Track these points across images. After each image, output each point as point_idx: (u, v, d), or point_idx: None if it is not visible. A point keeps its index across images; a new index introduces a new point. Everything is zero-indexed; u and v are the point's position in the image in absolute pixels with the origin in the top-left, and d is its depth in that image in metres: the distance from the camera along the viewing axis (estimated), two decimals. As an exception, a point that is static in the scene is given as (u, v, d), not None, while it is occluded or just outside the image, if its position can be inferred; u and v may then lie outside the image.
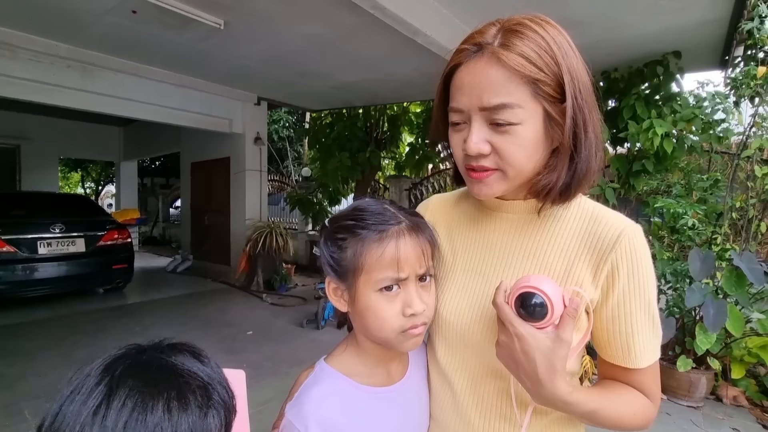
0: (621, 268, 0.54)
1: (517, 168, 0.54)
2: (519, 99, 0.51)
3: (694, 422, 2.39)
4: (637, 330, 0.55)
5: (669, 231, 3.07)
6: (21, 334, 3.69)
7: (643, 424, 0.57)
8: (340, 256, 0.56)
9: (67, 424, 0.39)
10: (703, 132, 3.14)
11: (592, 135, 0.55)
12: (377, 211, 0.57)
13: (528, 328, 0.48)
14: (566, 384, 0.49)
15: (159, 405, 0.40)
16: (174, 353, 0.46)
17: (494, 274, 0.60)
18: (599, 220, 0.58)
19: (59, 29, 3.68)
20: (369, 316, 0.56)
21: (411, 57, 3.82)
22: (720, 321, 2.26)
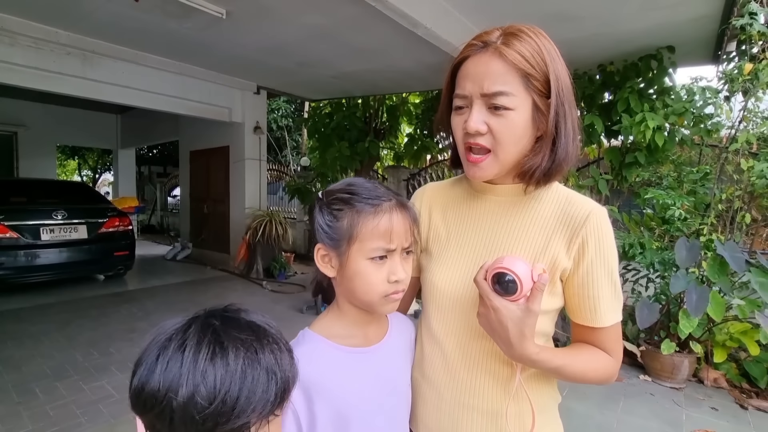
0: (589, 242, 0.64)
1: (507, 149, 0.63)
2: (514, 88, 0.61)
3: (676, 402, 2.52)
4: (602, 294, 0.65)
5: (659, 221, 3.17)
6: (26, 318, 3.77)
7: (605, 378, 0.67)
8: (335, 224, 0.62)
9: (185, 371, 0.43)
10: (693, 126, 3.22)
11: (570, 127, 0.65)
12: (370, 187, 0.64)
13: (502, 302, 0.58)
14: (534, 346, 0.59)
15: (265, 349, 0.48)
16: (249, 314, 0.52)
17: (483, 248, 0.70)
18: (572, 202, 0.68)
19: (60, 16, 3.68)
20: (358, 281, 0.62)
21: (411, 48, 3.86)
22: (702, 306, 2.38)
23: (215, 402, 0.43)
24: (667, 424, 2.28)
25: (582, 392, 2.61)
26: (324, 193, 0.66)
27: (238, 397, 0.44)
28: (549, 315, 0.69)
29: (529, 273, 0.57)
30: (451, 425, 0.70)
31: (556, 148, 0.65)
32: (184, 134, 7.18)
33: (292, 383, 0.50)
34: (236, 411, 0.44)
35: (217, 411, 0.44)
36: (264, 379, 0.46)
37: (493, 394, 0.68)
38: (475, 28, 3.44)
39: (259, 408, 0.45)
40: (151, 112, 6.40)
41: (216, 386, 0.44)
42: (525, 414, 0.67)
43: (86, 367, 2.81)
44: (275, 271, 5.65)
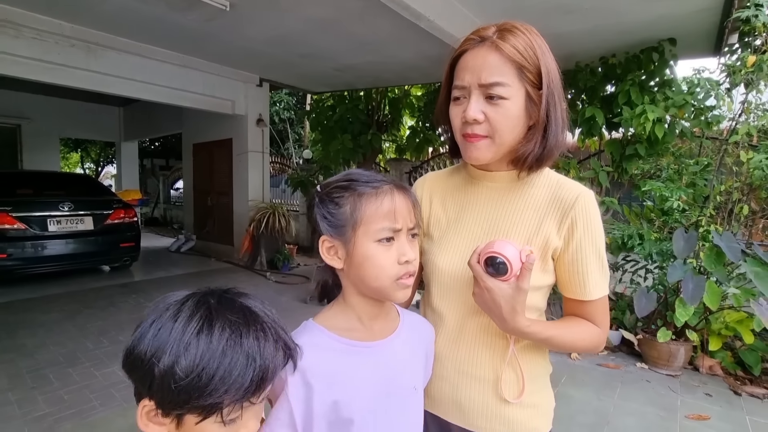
0: (578, 222, 0.70)
1: (502, 135, 0.68)
2: (509, 79, 0.66)
3: (672, 388, 2.59)
4: (590, 270, 0.71)
5: (659, 213, 3.21)
6: (35, 308, 3.85)
7: (593, 347, 0.74)
8: (338, 212, 0.62)
9: (172, 340, 0.47)
10: (694, 118, 3.25)
11: (560, 116, 0.71)
12: (369, 173, 0.65)
13: (494, 282, 0.64)
14: (525, 320, 0.66)
15: (250, 334, 0.50)
16: (248, 299, 0.56)
17: (481, 231, 0.76)
18: (562, 186, 0.74)
19: (65, 8, 3.70)
20: (367, 265, 0.61)
21: (413, 41, 3.88)
22: (698, 295, 2.43)
23: (191, 375, 0.46)
24: (662, 409, 2.35)
25: (580, 379, 2.68)
26: (322, 185, 0.66)
27: (213, 375, 0.46)
28: (541, 291, 0.75)
29: (518, 255, 0.63)
30: (452, 391, 0.77)
31: (547, 135, 0.70)
32: (187, 127, 7.21)
33: (272, 374, 0.51)
34: (209, 388, 0.46)
35: (192, 385, 0.46)
36: (242, 362, 0.48)
37: (490, 363, 0.74)
38: (477, 20, 3.46)
39: (232, 391, 0.47)
40: (154, 105, 6.43)
41: (195, 361, 0.46)
42: (518, 381, 0.74)
43: (97, 354, 2.89)
44: (279, 262, 5.72)
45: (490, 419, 0.74)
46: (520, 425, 0.74)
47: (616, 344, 3.15)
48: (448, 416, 0.77)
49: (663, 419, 2.25)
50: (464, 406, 0.75)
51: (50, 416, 2.12)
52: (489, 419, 0.74)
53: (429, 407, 0.79)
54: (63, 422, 2.07)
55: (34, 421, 2.08)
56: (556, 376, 2.66)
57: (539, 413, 0.76)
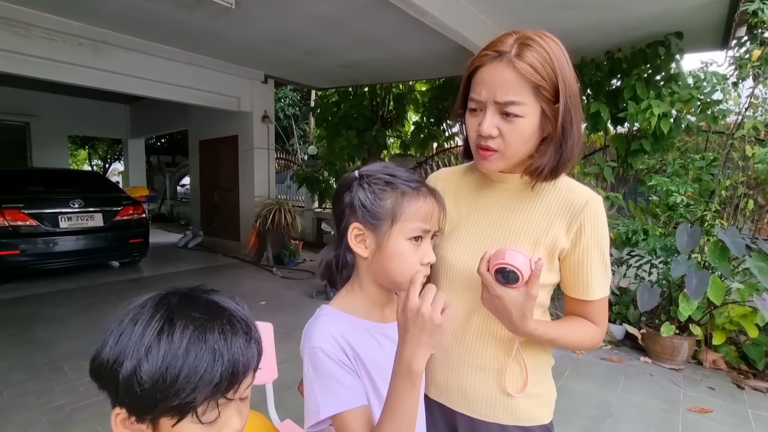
0: (586, 226, 0.74)
1: (514, 151, 0.72)
2: (525, 98, 0.67)
3: (675, 382, 2.62)
4: (594, 272, 0.75)
5: (665, 208, 3.22)
6: (49, 302, 3.93)
7: (592, 345, 0.79)
8: (378, 203, 0.63)
9: (132, 344, 0.46)
10: (700, 112, 3.24)
11: (576, 129, 0.73)
12: (406, 171, 0.68)
13: (505, 290, 0.67)
14: (533, 323, 0.69)
15: (215, 329, 0.48)
16: (215, 294, 0.54)
17: (492, 230, 0.79)
18: (572, 190, 0.77)
19: (72, 6, 3.75)
20: (396, 261, 0.64)
21: (418, 37, 3.88)
22: (701, 290, 2.45)
23: (154, 378, 0.44)
24: (664, 402, 2.38)
25: (584, 373, 2.71)
26: (362, 173, 0.67)
27: (178, 375, 0.44)
28: (546, 289, 0.79)
29: (527, 263, 0.65)
30: (458, 380, 0.80)
31: (562, 150, 0.72)
32: (193, 124, 7.27)
33: (244, 367, 0.49)
34: (175, 389, 0.44)
35: (157, 388, 0.44)
36: (209, 358, 0.46)
37: (495, 355, 0.78)
38: (482, 16, 3.45)
39: (201, 388, 0.45)
40: (160, 102, 6.48)
41: (157, 363, 0.44)
42: (522, 373, 0.78)
43: (110, 347, 2.95)
44: (285, 258, 5.78)
45: (494, 408, 0.78)
46: (523, 414, 0.78)
47: (619, 338, 3.17)
48: (454, 405, 0.81)
49: (665, 412, 2.28)
50: (469, 395, 0.79)
51: (67, 406, 2.20)
52: (493, 408, 0.78)
53: (436, 396, 0.83)
54: (79, 412, 2.15)
55: (51, 411, 2.15)
56: (560, 370, 2.69)
57: (541, 403, 0.80)
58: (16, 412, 2.14)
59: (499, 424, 0.78)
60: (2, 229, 4.15)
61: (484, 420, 0.78)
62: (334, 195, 0.69)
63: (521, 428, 0.78)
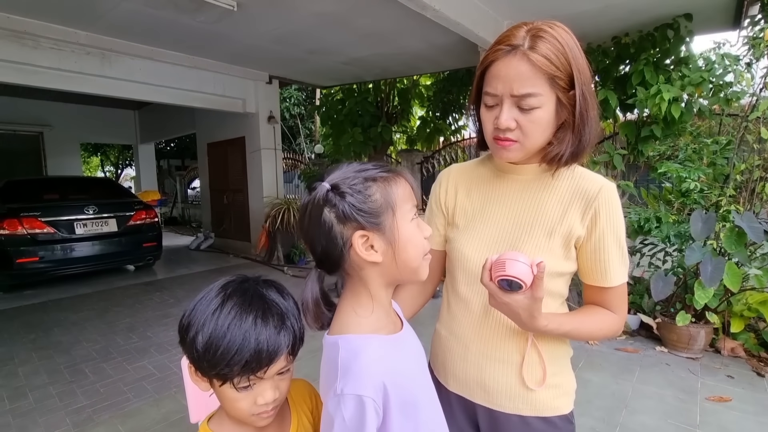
0: (601, 213, 0.74)
1: (534, 141, 0.72)
2: (540, 89, 0.68)
3: (692, 371, 2.57)
4: (611, 258, 0.75)
5: (678, 195, 3.15)
6: (68, 307, 4.03)
7: (610, 334, 0.78)
8: (370, 201, 0.59)
9: (197, 316, 0.61)
10: (712, 95, 3.15)
11: (593, 114, 0.73)
12: (369, 163, 0.64)
13: (510, 297, 0.67)
14: (543, 320, 0.69)
15: (250, 317, 0.60)
16: (266, 287, 0.65)
17: (507, 222, 0.80)
18: (585, 178, 0.78)
19: (78, 17, 3.81)
20: (411, 246, 0.61)
21: (421, 31, 3.86)
22: (717, 277, 2.40)
23: (204, 348, 0.58)
24: (681, 392, 2.34)
25: (598, 364, 2.68)
26: (333, 183, 0.59)
27: (217, 350, 0.58)
28: (564, 278, 0.79)
29: (528, 270, 0.64)
30: (477, 373, 0.81)
31: (581, 135, 0.73)
32: (200, 127, 7.34)
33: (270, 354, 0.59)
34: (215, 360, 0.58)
35: (206, 357, 0.59)
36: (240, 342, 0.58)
37: (513, 347, 0.78)
38: (484, 6, 3.41)
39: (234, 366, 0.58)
40: (167, 107, 6.57)
41: (207, 337, 0.58)
42: (540, 364, 0.78)
43: (128, 349, 3.03)
44: (295, 257, 5.83)
45: (513, 399, 0.78)
46: (543, 405, 0.78)
47: (634, 328, 3.13)
48: (474, 397, 0.82)
49: (682, 402, 2.25)
50: (489, 387, 0.80)
51: (89, 408, 2.25)
52: (513, 399, 0.78)
53: (455, 388, 0.85)
54: (101, 413, 2.20)
55: (74, 413, 2.21)
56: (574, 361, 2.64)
57: (561, 393, 0.80)
58: (41, 414, 2.20)
59: (519, 416, 0.78)
60: (21, 237, 4.26)
61: (505, 412, 0.79)
62: (306, 220, 0.61)
63: (542, 419, 0.78)
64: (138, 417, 2.17)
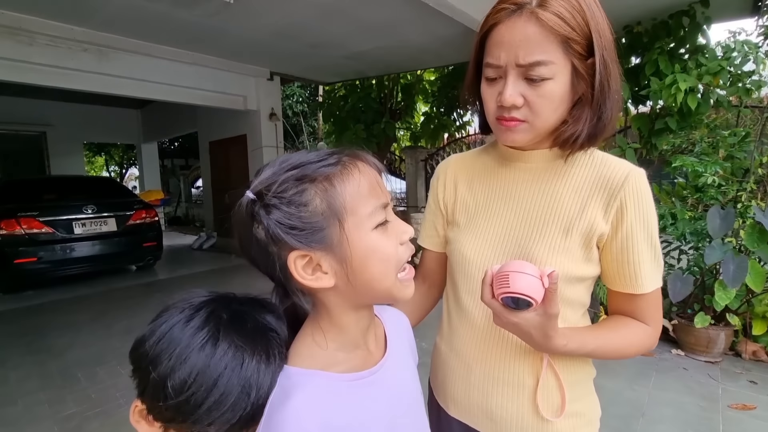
0: (629, 205, 0.61)
1: (544, 119, 0.59)
2: (553, 56, 0.55)
3: (712, 376, 2.44)
4: (642, 259, 0.62)
5: (692, 190, 3.01)
6: (65, 309, 3.97)
7: (643, 350, 0.65)
8: (307, 212, 0.44)
9: (175, 345, 0.45)
10: (731, 85, 3.00)
11: (615, 86, 0.60)
12: (308, 152, 0.48)
13: (518, 316, 0.54)
14: (561, 339, 0.57)
15: (253, 361, 0.46)
16: (264, 312, 0.50)
17: (515, 218, 0.67)
18: (608, 164, 0.64)
19: (73, 12, 3.73)
20: (374, 261, 0.46)
21: (424, 22, 3.73)
22: (740, 276, 2.26)
23: (180, 397, 0.43)
24: (702, 399, 2.21)
25: (611, 368, 2.55)
26: (257, 190, 0.45)
27: (201, 404, 0.44)
28: (584, 283, 0.66)
29: (538, 283, 0.52)
30: (482, 398, 0.68)
31: (600, 112, 0.60)
32: (202, 125, 7.27)
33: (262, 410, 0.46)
34: (194, 416, 0.44)
35: (179, 407, 0.44)
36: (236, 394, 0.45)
37: (525, 368, 0.66)
38: (489, -5, 3.28)
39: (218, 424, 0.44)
40: (169, 105, 6.51)
41: (188, 381, 0.43)
42: (557, 388, 0.65)
43: (123, 353, 2.89)
44: (297, 256, 5.73)
45: (525, 431, 0.66)
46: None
47: (648, 330, 2.99)
48: (478, 425, 0.70)
49: (703, 410, 2.11)
50: (496, 415, 0.67)
51: (78, 415, 2.17)
52: (524, 431, 0.66)
53: (456, 414, 0.73)
54: (90, 421, 2.11)
55: (63, 420, 2.12)
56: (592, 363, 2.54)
57: (583, 422, 0.67)
58: (28, 421, 2.12)
59: None
60: (19, 237, 4.20)
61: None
62: (237, 239, 0.49)
63: None
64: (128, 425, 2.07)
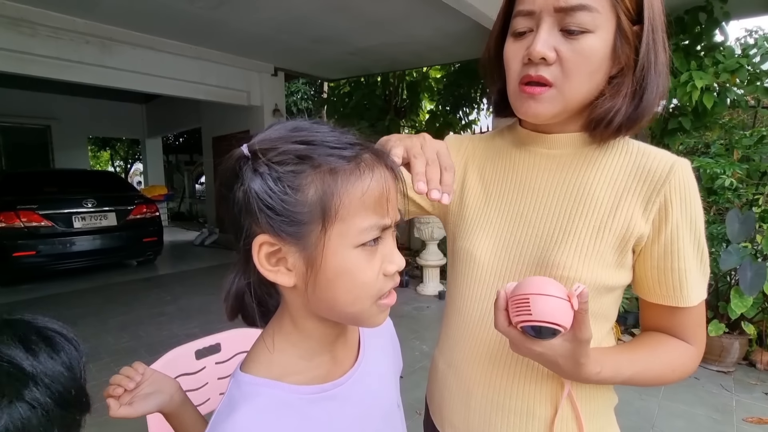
0: (674, 202, 0.51)
1: (576, 85, 0.50)
2: (597, 3, 0.48)
3: (725, 387, 2.33)
4: (689, 266, 0.52)
5: (706, 193, 2.90)
6: (63, 302, 3.93)
7: (684, 374, 0.55)
8: (294, 199, 0.37)
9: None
10: (748, 84, 2.89)
11: (662, 60, 0.51)
12: (330, 130, 0.40)
13: (543, 345, 0.46)
14: (594, 367, 0.47)
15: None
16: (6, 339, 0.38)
17: (534, 214, 0.57)
18: (648, 154, 0.54)
19: (75, 3, 3.68)
20: (344, 284, 0.39)
21: (430, 17, 3.64)
22: (758, 284, 2.15)
23: None
24: (714, 411, 2.11)
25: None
26: (254, 147, 0.39)
27: None
28: (614, 294, 0.56)
29: (566, 304, 0.42)
30: (482, 426, 0.59)
31: (644, 90, 0.51)
32: (206, 120, 7.23)
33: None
34: None
35: None
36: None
37: (534, 394, 0.56)
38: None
39: None
40: (174, 101, 6.47)
41: None
42: (574, 419, 0.56)
43: (117, 349, 2.89)
44: (299, 254, 5.67)
45: None
46: None
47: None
48: None
49: (717, 422, 2.02)
50: None
51: (67, 413, 2.11)
52: None
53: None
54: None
55: (51, 419, 2.07)
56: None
57: None
58: (16, 419, 2.06)
59: None
60: (18, 230, 4.17)
61: None
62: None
63: None
64: (116, 426, 2.01)
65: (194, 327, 3.29)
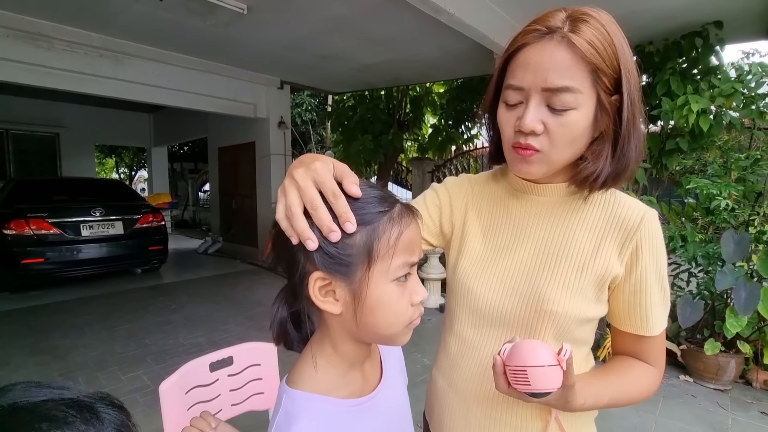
0: (644, 248, 0.60)
1: (560, 152, 0.58)
2: (581, 84, 0.54)
3: (721, 405, 2.37)
4: (654, 302, 0.61)
5: (703, 212, 2.96)
6: (70, 310, 3.99)
7: (650, 394, 0.64)
8: (345, 243, 0.45)
9: None
10: (744, 107, 2.97)
11: (639, 127, 0.59)
12: (371, 187, 0.49)
13: (539, 400, 0.54)
14: (579, 400, 0.56)
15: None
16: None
17: (526, 253, 0.65)
18: (622, 204, 0.63)
19: (90, 19, 3.81)
20: (382, 311, 0.47)
21: (434, 36, 3.76)
22: (752, 304, 2.20)
23: None
24: (711, 428, 2.14)
25: (617, 392, 2.49)
26: None
27: None
28: (591, 324, 0.65)
29: (558, 369, 0.51)
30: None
31: (624, 152, 0.58)
32: (212, 131, 7.35)
33: None
34: None
35: None
36: None
37: (528, 410, 0.64)
38: (500, 11, 3.29)
39: None
40: (180, 111, 6.59)
41: None
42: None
43: (124, 357, 2.94)
44: (302, 264, 5.71)
45: None
46: None
47: (656, 354, 2.92)
48: None
49: (713, 441, 2.05)
50: None
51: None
52: None
53: None
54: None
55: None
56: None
57: None
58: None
59: None
60: (28, 237, 4.25)
61: None
62: (273, 232, 0.50)
63: None
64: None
65: (200, 336, 3.34)
